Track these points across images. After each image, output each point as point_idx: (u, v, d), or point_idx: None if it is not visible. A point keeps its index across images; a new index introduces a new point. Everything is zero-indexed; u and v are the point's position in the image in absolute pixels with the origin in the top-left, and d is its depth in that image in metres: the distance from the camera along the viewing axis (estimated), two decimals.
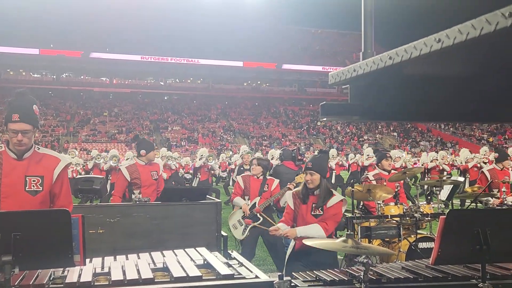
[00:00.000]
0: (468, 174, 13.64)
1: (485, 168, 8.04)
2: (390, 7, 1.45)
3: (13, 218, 2.12)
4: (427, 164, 15.02)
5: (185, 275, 2.32)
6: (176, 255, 2.80)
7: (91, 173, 14.26)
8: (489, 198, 6.34)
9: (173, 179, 13.70)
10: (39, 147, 3.13)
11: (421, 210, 5.52)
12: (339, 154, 21.29)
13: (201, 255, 2.78)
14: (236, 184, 6.28)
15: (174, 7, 56.63)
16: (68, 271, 2.41)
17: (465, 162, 14.27)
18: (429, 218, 5.49)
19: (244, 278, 2.38)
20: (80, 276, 2.33)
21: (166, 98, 59.98)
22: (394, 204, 5.75)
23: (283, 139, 49.73)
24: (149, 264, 2.58)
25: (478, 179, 7.81)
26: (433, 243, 4.81)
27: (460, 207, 9.77)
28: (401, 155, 14.84)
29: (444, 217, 2.26)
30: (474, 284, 2.56)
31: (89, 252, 2.35)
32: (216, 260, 2.65)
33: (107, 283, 2.29)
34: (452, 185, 7.38)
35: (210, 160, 13.31)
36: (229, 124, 54.25)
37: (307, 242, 2.93)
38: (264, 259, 6.86)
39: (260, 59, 59.35)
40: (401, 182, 6.34)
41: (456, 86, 1.18)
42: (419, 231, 5.47)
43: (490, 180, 7.03)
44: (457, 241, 2.29)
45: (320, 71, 59.49)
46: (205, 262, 2.64)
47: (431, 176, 14.04)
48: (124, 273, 2.38)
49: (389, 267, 2.90)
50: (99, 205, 5.90)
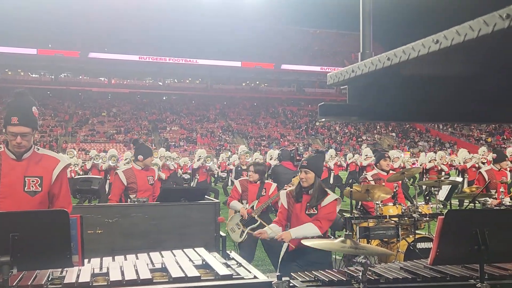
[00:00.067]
0: (466, 174, 13.67)
1: (483, 168, 8.05)
2: (388, 8, 1.45)
3: (12, 218, 2.11)
4: (425, 164, 15.04)
5: (184, 275, 2.32)
6: (174, 256, 2.80)
7: (90, 173, 14.24)
8: (487, 198, 6.36)
9: (172, 180, 13.71)
10: (38, 148, 3.13)
11: (420, 210, 5.53)
12: (338, 154, 21.31)
13: (200, 256, 2.78)
14: (233, 188, 6.28)
15: (173, 7, 56.54)
16: (66, 271, 2.41)
17: (464, 162, 14.29)
18: (428, 218, 5.50)
19: (242, 278, 2.38)
20: (78, 276, 2.33)
21: (164, 98, 59.95)
22: (392, 204, 5.76)
23: (282, 139, 49.73)
24: (147, 264, 2.58)
25: (476, 180, 7.82)
26: (432, 243, 4.82)
27: (458, 208, 9.79)
28: (399, 156, 14.87)
29: (442, 217, 2.27)
30: (472, 284, 2.56)
31: (87, 252, 2.35)
32: (214, 260, 2.65)
33: (106, 284, 2.29)
34: (450, 186, 7.39)
35: (208, 161, 13.32)
36: (228, 124, 54.24)
37: (305, 242, 2.94)
38: (262, 259, 6.85)
39: (258, 59, 59.36)
40: (399, 182, 6.35)
41: (455, 86, 1.19)
42: (417, 231, 5.48)
43: (488, 180, 7.04)
44: (455, 241, 2.30)
45: (318, 72, 59.51)
46: (204, 262, 2.64)
47: (429, 176, 14.06)
48: (122, 273, 2.38)
49: (388, 268, 2.91)
50: (98, 205, 5.89)
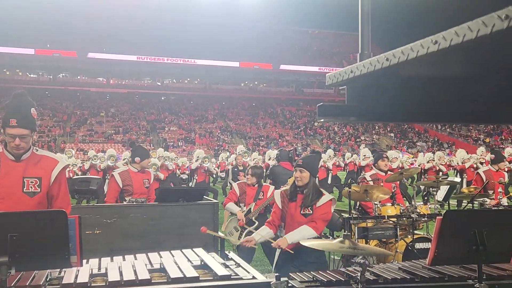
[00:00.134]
0: (465, 174, 13.70)
1: (481, 169, 8.07)
2: (387, 8, 1.45)
3: (10, 218, 2.11)
4: (424, 164, 15.06)
5: (182, 276, 2.32)
6: (173, 256, 2.80)
7: (88, 174, 14.21)
8: (485, 199, 6.37)
9: (170, 180, 13.68)
10: (37, 149, 3.13)
11: (418, 210, 5.53)
12: (336, 154, 21.32)
13: (198, 256, 2.78)
14: (232, 190, 6.28)
15: (172, 7, 56.55)
16: (64, 272, 2.40)
17: (462, 162, 14.31)
18: (426, 218, 5.51)
19: (241, 278, 2.38)
20: (76, 277, 2.33)
21: (163, 98, 59.91)
22: (391, 204, 5.77)
23: (280, 140, 49.74)
24: (146, 265, 2.58)
25: (473, 180, 7.84)
26: (430, 243, 4.82)
27: (456, 208, 9.80)
28: (398, 156, 14.88)
29: (440, 217, 2.27)
30: (470, 284, 2.56)
31: (86, 253, 2.34)
32: (213, 260, 2.65)
33: (104, 284, 2.29)
34: (448, 186, 7.41)
35: (205, 161, 13.31)
36: (226, 124, 54.23)
37: (303, 242, 2.94)
38: (261, 260, 6.86)
39: (257, 60, 59.36)
40: (397, 182, 6.36)
41: (454, 87, 1.19)
42: (415, 232, 5.49)
43: (486, 181, 7.06)
44: (453, 241, 2.30)
45: (317, 72, 59.53)
46: (202, 262, 2.64)
47: (428, 176, 14.08)
48: (121, 274, 2.37)
49: (386, 268, 2.91)
50: (96, 206, 5.89)
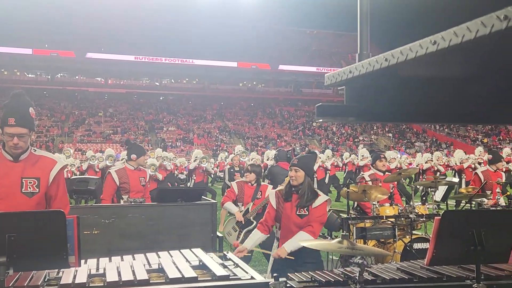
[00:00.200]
0: (464, 174, 13.72)
1: (479, 169, 8.08)
2: (386, 9, 1.45)
3: (8, 219, 2.11)
4: (422, 165, 15.08)
5: (181, 276, 2.32)
6: (171, 256, 2.79)
7: (86, 174, 14.20)
8: (483, 199, 6.38)
9: (168, 180, 13.67)
10: (35, 149, 3.12)
11: (416, 211, 5.54)
12: (334, 155, 21.31)
13: (197, 256, 2.77)
14: (230, 189, 6.27)
15: (171, 8, 56.59)
16: (63, 272, 2.40)
17: (460, 162, 14.34)
18: (424, 219, 5.51)
19: (239, 279, 2.38)
20: (75, 277, 2.32)
21: (161, 98, 59.88)
22: (389, 205, 5.78)
23: (279, 140, 49.75)
24: (144, 265, 2.58)
25: (471, 180, 7.85)
26: (428, 243, 4.83)
27: (455, 208, 9.82)
28: (396, 156, 14.89)
29: (439, 218, 2.27)
30: (468, 284, 2.57)
31: (84, 253, 2.34)
32: (211, 261, 2.65)
33: (102, 284, 2.28)
34: (447, 186, 7.42)
35: (203, 161, 13.29)
36: (225, 124, 54.22)
37: (302, 243, 2.94)
38: (259, 260, 6.85)
39: (255, 60, 59.38)
40: (395, 182, 6.37)
41: (452, 87, 1.19)
42: (414, 232, 5.50)
43: (484, 181, 7.07)
44: (452, 242, 2.30)
45: (315, 72, 59.58)
46: (201, 263, 2.64)
47: (426, 177, 14.09)
48: (119, 274, 2.37)
49: (384, 268, 2.91)
50: (94, 206, 5.88)
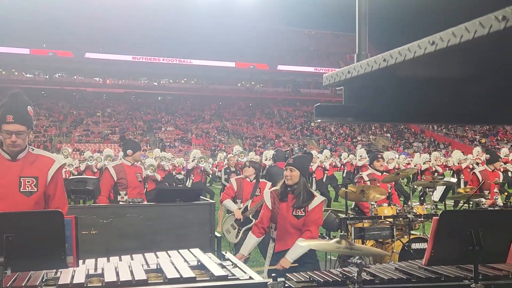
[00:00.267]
0: (462, 175, 13.74)
1: (477, 169, 8.10)
2: (384, 9, 1.45)
3: (6, 219, 2.10)
4: (420, 166, 15.10)
5: (179, 276, 2.31)
6: (169, 256, 2.79)
7: (84, 175, 14.18)
8: (481, 199, 6.40)
9: (166, 180, 13.65)
10: (33, 148, 3.11)
11: (414, 211, 5.55)
12: (333, 155, 21.34)
13: (195, 256, 2.77)
14: (229, 185, 6.28)
15: (169, 8, 56.56)
16: (61, 272, 2.39)
17: (458, 163, 14.37)
18: (422, 219, 5.52)
19: (238, 279, 2.37)
20: (73, 277, 2.32)
21: (159, 98, 59.83)
22: (387, 205, 5.78)
23: (277, 140, 49.75)
24: (142, 265, 2.57)
25: (469, 180, 7.86)
26: (426, 244, 4.83)
27: (453, 208, 9.84)
28: (394, 157, 14.91)
29: (437, 218, 2.27)
30: (466, 284, 2.57)
31: (82, 253, 2.34)
32: (209, 261, 2.65)
33: (100, 285, 2.28)
34: (445, 186, 7.43)
35: (201, 161, 13.28)
36: (223, 124, 54.20)
37: (300, 243, 2.94)
38: (257, 260, 6.85)
39: (253, 60, 59.38)
40: (393, 183, 6.39)
41: (451, 88, 1.19)
42: (412, 232, 5.50)
43: (482, 181, 7.08)
44: (450, 242, 2.30)
45: (314, 72, 59.62)
46: (199, 263, 2.64)
47: (425, 177, 14.11)
48: (117, 274, 2.36)
49: (383, 268, 2.91)
50: (92, 206, 5.86)
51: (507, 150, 20.24)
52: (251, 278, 2.39)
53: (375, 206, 5.66)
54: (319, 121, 1.39)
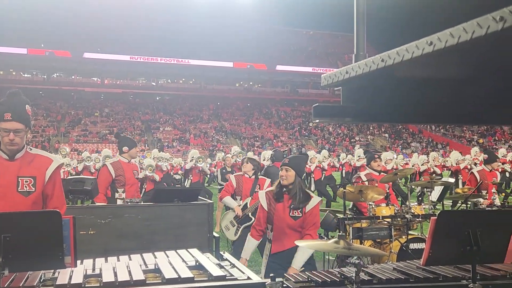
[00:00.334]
0: (460, 175, 13.77)
1: (475, 169, 8.11)
2: (382, 9, 1.45)
3: (3, 219, 2.10)
4: (419, 167, 15.12)
5: (177, 276, 2.31)
6: (167, 257, 2.79)
7: (81, 175, 14.16)
8: (479, 199, 6.41)
9: (165, 181, 13.64)
10: (31, 148, 3.11)
11: (412, 211, 5.55)
12: (331, 155, 21.35)
13: (193, 256, 2.77)
14: (228, 182, 6.29)
15: (167, 8, 56.53)
16: (58, 272, 2.39)
17: (456, 163, 14.40)
18: (420, 219, 5.53)
19: (236, 279, 2.38)
20: (71, 277, 2.32)
21: (157, 98, 59.78)
22: (385, 205, 5.79)
23: (275, 140, 49.76)
24: (140, 265, 2.57)
25: (467, 180, 7.87)
26: (424, 244, 4.84)
27: (451, 208, 9.85)
28: (392, 157, 14.93)
29: (435, 218, 2.28)
30: (464, 284, 2.58)
31: (80, 253, 2.33)
32: (208, 261, 2.65)
33: (98, 285, 2.28)
34: (442, 186, 7.44)
35: (200, 161, 13.28)
36: (221, 124, 54.18)
37: (299, 243, 2.94)
38: (255, 260, 6.85)
39: (251, 60, 59.38)
40: (390, 183, 6.40)
41: (450, 88, 1.19)
42: (410, 232, 5.51)
43: (480, 181, 7.10)
44: (448, 242, 2.31)
45: (312, 72, 59.64)
46: (197, 263, 2.64)
47: (423, 178, 14.13)
48: (115, 274, 2.36)
49: (381, 268, 2.92)
50: (90, 206, 5.86)
51: (505, 150, 20.30)
52: (249, 278, 2.39)
53: (373, 206, 5.67)
54: (317, 121, 1.39)
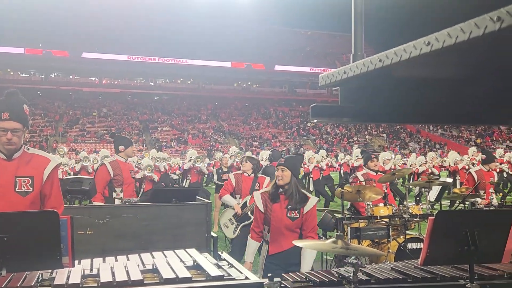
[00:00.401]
0: (458, 175, 13.80)
1: (473, 169, 8.13)
2: (380, 10, 1.45)
3: (1, 219, 2.09)
4: (417, 168, 15.13)
5: (175, 276, 2.31)
6: (165, 256, 2.78)
7: (79, 175, 14.14)
8: (477, 199, 6.42)
9: (163, 181, 13.63)
10: (28, 148, 3.10)
11: (410, 211, 5.56)
12: (329, 155, 21.37)
13: (191, 256, 2.77)
14: (228, 181, 6.30)
15: (166, 8, 56.50)
16: (56, 273, 2.39)
17: (454, 164, 14.42)
18: (418, 219, 5.54)
19: (234, 279, 2.37)
20: (68, 278, 2.31)
21: (156, 98, 59.74)
22: (383, 205, 5.80)
23: (273, 140, 49.78)
24: (138, 265, 2.57)
25: (465, 180, 7.89)
26: (422, 243, 4.85)
27: (449, 208, 9.87)
28: (391, 158, 14.94)
29: (432, 218, 2.28)
30: (462, 284, 2.58)
31: (77, 253, 2.33)
32: (205, 261, 2.64)
33: (96, 285, 2.27)
34: (440, 186, 7.46)
35: (198, 161, 13.27)
36: (219, 124, 54.17)
37: (297, 243, 2.94)
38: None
39: (250, 60, 59.37)
40: (388, 183, 6.41)
41: (448, 88, 1.19)
42: (408, 232, 5.52)
43: (477, 181, 7.11)
44: (445, 242, 2.31)
45: (310, 73, 59.66)
46: (195, 263, 2.63)
47: (421, 179, 14.15)
48: (113, 274, 2.36)
49: (379, 268, 2.92)
50: (88, 206, 5.85)
51: (502, 150, 20.34)
52: (247, 278, 2.39)
53: (371, 206, 5.68)
54: (315, 121, 1.40)
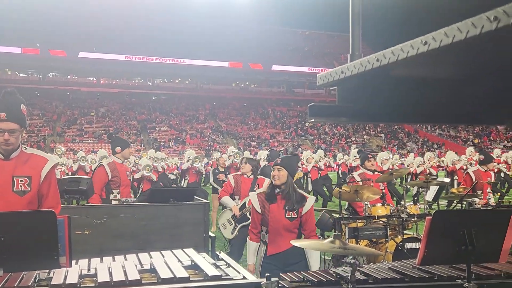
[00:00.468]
0: (456, 175, 13.82)
1: (470, 169, 8.14)
2: (378, 9, 1.46)
3: None
4: (416, 170, 15.14)
5: (172, 276, 2.31)
6: (163, 256, 2.78)
7: (76, 175, 14.13)
8: (474, 199, 6.43)
9: (161, 181, 13.63)
10: (26, 147, 3.10)
11: (408, 210, 5.57)
12: (327, 155, 21.38)
13: (189, 256, 2.76)
14: (227, 182, 6.30)
15: (164, 7, 56.45)
16: (53, 273, 2.38)
17: (452, 164, 14.45)
18: (416, 218, 5.55)
19: (231, 279, 2.37)
20: (66, 278, 2.31)
21: (154, 98, 59.67)
22: (381, 205, 5.80)
23: (271, 140, 49.77)
24: (136, 265, 2.56)
25: (463, 180, 7.90)
26: (420, 243, 4.85)
27: (446, 208, 9.89)
28: (389, 158, 14.96)
29: (430, 217, 2.28)
30: (459, 284, 2.59)
31: (75, 253, 2.33)
32: (203, 261, 2.64)
33: (93, 285, 2.27)
34: (438, 186, 7.47)
35: (196, 162, 13.26)
36: (217, 124, 54.15)
37: (295, 243, 2.94)
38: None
39: (248, 60, 59.34)
40: (385, 183, 6.42)
41: (446, 88, 1.19)
42: (405, 232, 5.52)
43: (475, 181, 7.12)
44: (443, 241, 2.31)
45: (308, 72, 59.68)
46: (193, 263, 2.63)
47: (419, 179, 14.17)
48: (110, 274, 2.36)
49: (376, 268, 2.92)
50: (86, 206, 5.84)
51: (500, 150, 20.40)
52: (244, 278, 2.39)
53: (369, 206, 5.68)
54: (313, 121, 1.40)
